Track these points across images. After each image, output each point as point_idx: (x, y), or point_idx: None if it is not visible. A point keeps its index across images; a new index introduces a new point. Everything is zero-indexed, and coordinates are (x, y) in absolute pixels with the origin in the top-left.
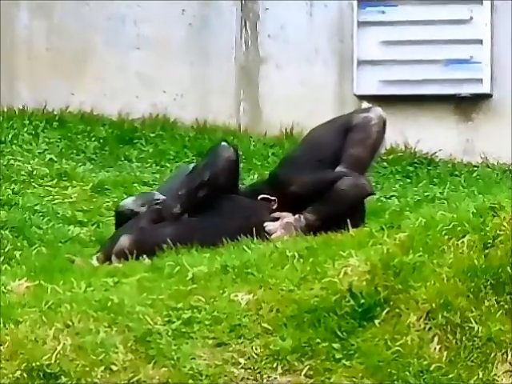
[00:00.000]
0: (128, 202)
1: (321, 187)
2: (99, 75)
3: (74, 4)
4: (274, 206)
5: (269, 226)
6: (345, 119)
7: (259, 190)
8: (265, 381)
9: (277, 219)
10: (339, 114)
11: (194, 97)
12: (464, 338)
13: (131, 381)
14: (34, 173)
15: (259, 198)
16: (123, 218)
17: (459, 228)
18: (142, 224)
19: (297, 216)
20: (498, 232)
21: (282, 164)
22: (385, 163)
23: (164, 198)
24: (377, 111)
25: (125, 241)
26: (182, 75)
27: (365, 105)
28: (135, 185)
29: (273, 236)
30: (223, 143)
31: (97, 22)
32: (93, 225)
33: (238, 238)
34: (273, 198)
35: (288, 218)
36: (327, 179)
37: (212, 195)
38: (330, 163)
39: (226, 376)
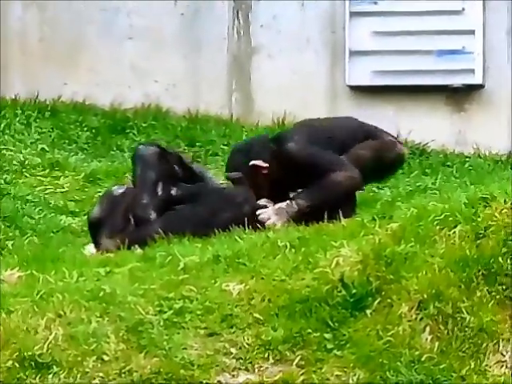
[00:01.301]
0: (96, 211)
1: (316, 164)
2: (92, 66)
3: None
4: (265, 171)
5: (262, 213)
6: (373, 128)
7: (253, 155)
8: (256, 371)
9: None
10: (331, 104)
11: (187, 87)
12: (456, 329)
13: (123, 370)
14: (26, 162)
15: (250, 163)
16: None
17: (451, 218)
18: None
19: (288, 201)
20: (489, 222)
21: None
22: None
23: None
24: (404, 149)
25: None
26: (175, 65)
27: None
28: (127, 175)
29: (267, 223)
30: (140, 146)
31: (90, 14)
32: (85, 215)
33: (230, 228)
34: (264, 164)
35: (279, 204)
36: (325, 161)
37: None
38: (338, 148)
39: (217, 366)
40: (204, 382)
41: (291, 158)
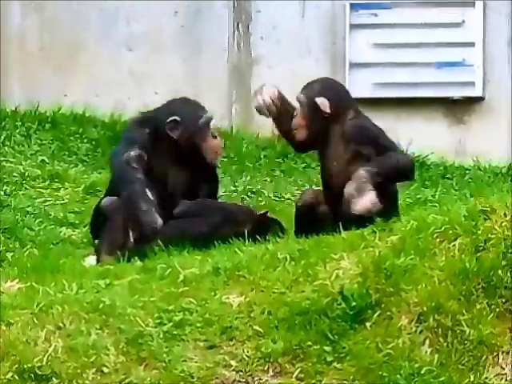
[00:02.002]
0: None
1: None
2: (91, 72)
3: (65, 2)
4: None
5: (354, 205)
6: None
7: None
8: (256, 383)
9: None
10: None
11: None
12: (455, 341)
13: (122, 383)
14: (26, 174)
15: (316, 99)
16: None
17: (451, 231)
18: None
19: (356, 176)
20: (489, 235)
21: None
22: None
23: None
24: None
25: None
26: (175, 76)
27: None
28: None
29: (366, 207)
30: (117, 149)
31: (89, 19)
32: (85, 226)
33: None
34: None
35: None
36: (388, 140)
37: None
38: None
39: (217, 378)
40: None
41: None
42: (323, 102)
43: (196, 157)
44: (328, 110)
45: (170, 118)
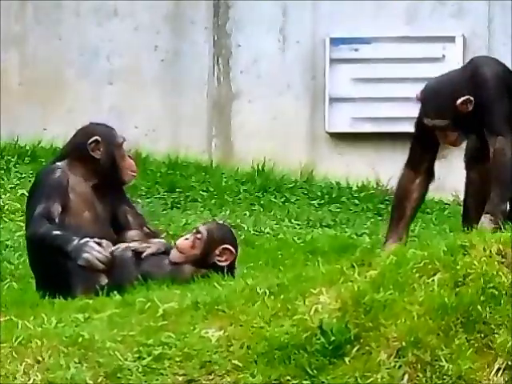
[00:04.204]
0: None
1: (494, 113)
2: (71, 109)
3: (46, 37)
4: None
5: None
6: None
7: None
8: None
9: None
10: (311, 150)
11: (167, 132)
12: (434, 376)
13: None
14: (6, 208)
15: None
16: None
17: (430, 266)
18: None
19: (487, 216)
20: (468, 270)
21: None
22: (356, 200)
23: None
24: None
25: None
26: (155, 110)
27: None
28: None
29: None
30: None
31: (69, 56)
32: None
33: None
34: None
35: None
36: (499, 118)
37: None
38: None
39: None
40: None
41: (484, 82)
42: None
43: (115, 177)
44: None
45: (92, 139)
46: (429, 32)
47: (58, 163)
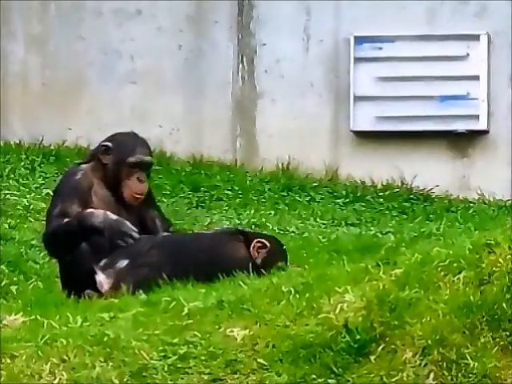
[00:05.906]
0: None
1: None
2: (94, 109)
3: (68, 38)
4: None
5: None
6: None
7: None
8: None
9: None
10: (335, 149)
11: (190, 131)
12: (459, 375)
13: None
14: (31, 207)
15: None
16: None
17: (455, 264)
18: None
19: None
20: (493, 268)
21: None
22: (381, 199)
23: None
24: None
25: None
26: (178, 110)
27: None
28: None
29: None
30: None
31: (91, 56)
32: None
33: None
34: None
35: None
36: None
37: None
38: None
39: None
40: None
41: None
42: None
43: (118, 191)
44: None
45: (104, 143)
46: (452, 30)
47: (83, 165)
